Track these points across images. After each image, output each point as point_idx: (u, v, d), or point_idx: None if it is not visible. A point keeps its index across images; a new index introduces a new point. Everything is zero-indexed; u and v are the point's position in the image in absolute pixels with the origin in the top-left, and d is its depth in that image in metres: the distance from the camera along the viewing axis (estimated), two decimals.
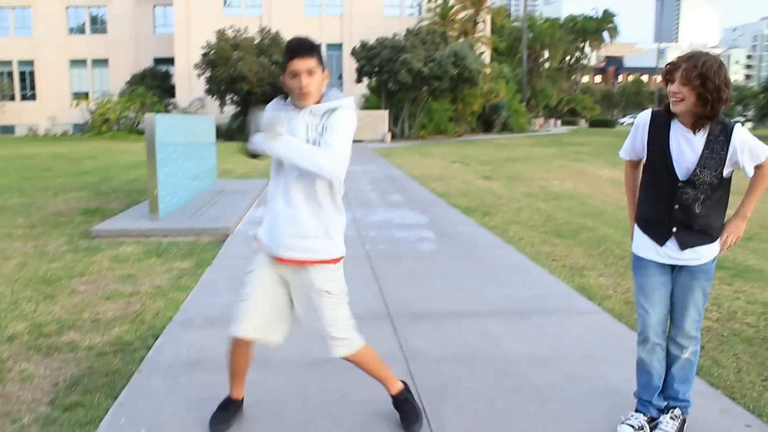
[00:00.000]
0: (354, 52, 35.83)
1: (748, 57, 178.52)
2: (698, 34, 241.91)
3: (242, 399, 3.21)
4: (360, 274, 5.95)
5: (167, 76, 43.15)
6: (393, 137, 35.55)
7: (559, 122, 64.81)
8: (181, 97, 41.48)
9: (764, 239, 7.90)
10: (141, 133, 37.06)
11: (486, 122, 45.52)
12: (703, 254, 2.80)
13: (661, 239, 2.83)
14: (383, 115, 34.97)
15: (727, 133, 2.67)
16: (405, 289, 5.47)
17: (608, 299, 5.22)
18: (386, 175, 16.17)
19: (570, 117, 71.39)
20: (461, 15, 41.82)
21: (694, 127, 2.68)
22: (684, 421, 2.99)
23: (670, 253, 2.82)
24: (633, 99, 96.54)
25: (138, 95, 37.59)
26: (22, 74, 45.16)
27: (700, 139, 2.69)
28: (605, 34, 73.05)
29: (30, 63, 44.90)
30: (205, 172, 11.72)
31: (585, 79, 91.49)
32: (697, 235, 2.78)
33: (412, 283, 5.71)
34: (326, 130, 2.68)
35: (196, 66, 34.37)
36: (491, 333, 4.38)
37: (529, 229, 8.51)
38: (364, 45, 35.20)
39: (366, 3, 43.04)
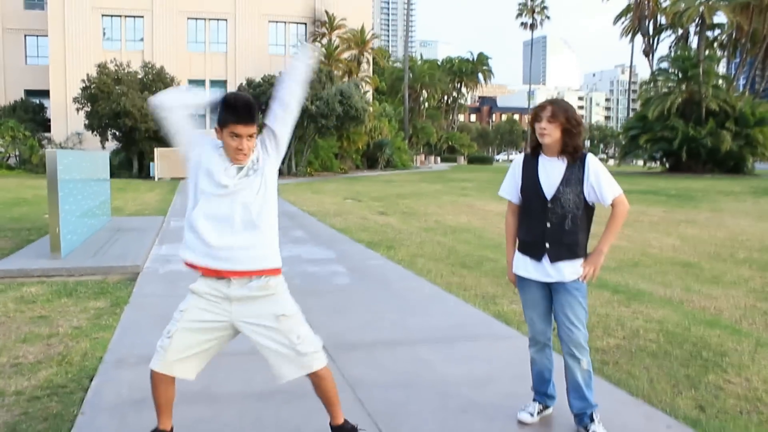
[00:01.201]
0: (240, 90, 35.68)
1: (607, 100, 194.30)
2: (563, 77, 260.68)
3: (171, 429, 3.17)
4: None
5: (41, 108, 40.93)
6: (280, 174, 35.39)
7: (438, 159, 67.24)
8: (58, 131, 39.45)
9: (647, 265, 8.70)
10: (12, 168, 34.77)
11: (370, 159, 46.54)
12: (569, 270, 3.29)
13: (537, 255, 3.34)
14: None
15: (582, 159, 3.29)
16: (331, 322, 5.58)
17: (525, 324, 5.58)
18: (282, 211, 16.03)
19: (449, 154, 74.30)
20: (346, 55, 42.80)
21: (560, 155, 3.28)
22: None
23: (545, 269, 3.31)
24: (507, 137, 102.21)
25: (8, 128, 35.32)
26: None
27: (562, 164, 3.29)
28: (480, 76, 77.13)
29: None
30: (100, 209, 11.28)
31: (461, 117, 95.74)
32: (566, 250, 3.28)
33: (336, 316, 5.84)
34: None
35: (75, 100, 32.94)
36: (425, 359, 4.60)
37: (436, 261, 8.88)
38: (250, 82, 35.26)
39: (250, 41, 43.20)
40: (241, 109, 2.79)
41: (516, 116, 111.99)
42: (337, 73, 39.34)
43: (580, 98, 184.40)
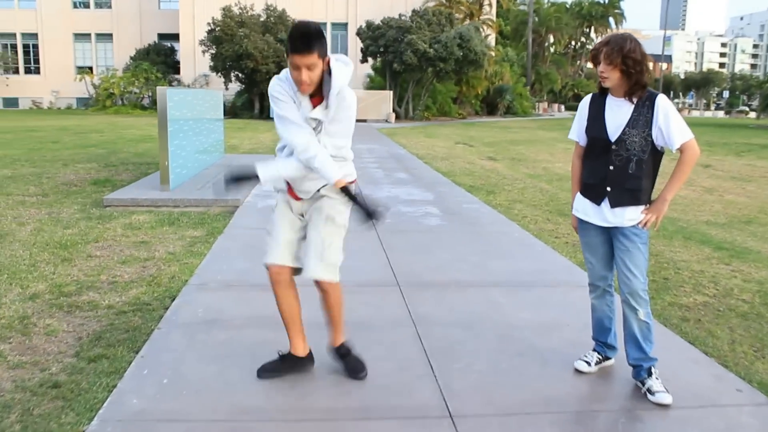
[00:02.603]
0: (359, 32, 35.76)
1: (755, 46, 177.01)
2: (705, 21, 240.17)
3: (308, 356, 3.32)
4: (369, 246, 6.10)
5: (172, 51, 43.11)
6: (397, 117, 35.57)
7: (563, 107, 64.68)
8: (186, 73, 41.46)
9: (763, 223, 8.04)
10: (145, 108, 37.07)
11: (490, 105, 45.49)
12: (630, 216, 3.12)
13: (597, 198, 3.20)
14: (387, 95, 34.99)
15: (652, 99, 3.04)
16: (412, 260, 5.62)
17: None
18: (391, 154, 16.29)
19: (574, 102, 71.15)
20: None
21: (626, 96, 3.07)
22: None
23: (604, 213, 3.17)
24: None
25: (142, 71, 37.58)
26: (26, 47, 45.18)
27: (629, 105, 3.08)
28: (611, 20, 72.65)
29: (34, 36, 44.90)
30: (213, 147, 11.84)
31: (590, 65, 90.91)
32: (628, 195, 3.11)
33: (418, 254, 5.86)
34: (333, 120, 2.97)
35: (201, 42, 34.35)
36: (496, 302, 4.54)
37: (533, 207, 8.65)
38: (369, 25, 35.12)
39: None
40: (296, 39, 2.75)
41: (650, 64, 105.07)
42: (457, 16, 38.41)
43: (723, 45, 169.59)
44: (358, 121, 3.01)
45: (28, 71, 45.52)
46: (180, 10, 41.74)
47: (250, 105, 36.91)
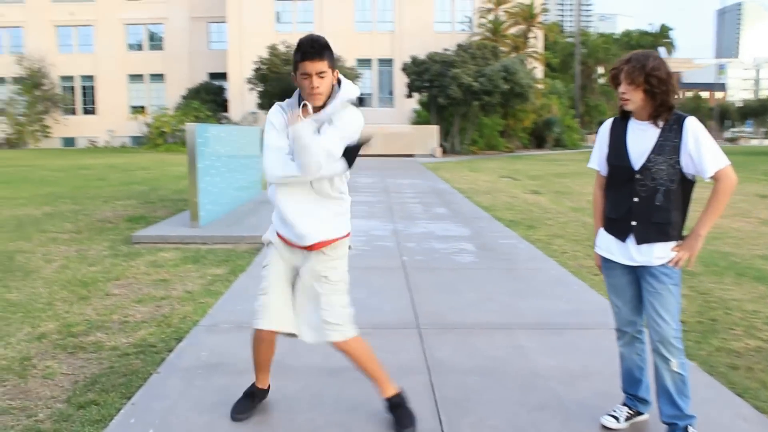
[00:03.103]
0: (405, 68, 35.92)
1: None
2: (761, 48, 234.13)
3: (268, 388, 3.25)
4: (393, 284, 5.84)
5: (221, 90, 44.13)
6: (443, 152, 35.38)
7: None
8: (234, 111, 42.31)
9: None
10: None
11: (538, 138, 44.91)
12: (658, 253, 2.79)
13: (621, 234, 2.88)
14: (433, 129, 34.88)
15: (680, 122, 2.74)
16: (437, 300, 5.33)
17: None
18: (432, 188, 16.06)
19: None
20: (513, 30, 41.50)
21: (651, 119, 2.77)
22: None
23: (630, 251, 2.85)
24: (692, 115, 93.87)
25: (192, 109, 38.50)
26: (83, 89, 47.08)
27: (654, 129, 2.77)
28: (662, 50, 71.42)
29: (90, 78, 46.72)
30: (250, 183, 11.82)
31: None
32: (656, 230, 2.79)
33: (445, 293, 5.56)
34: (330, 128, 2.80)
35: (249, 81, 35.05)
36: (522, 346, 4.20)
37: (574, 243, 8.25)
38: (414, 60, 35.27)
39: (417, 19, 43.18)
40: (305, 46, 2.73)
41: (705, 93, 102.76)
42: (503, 49, 38.28)
43: None
44: (404, 156, 2.83)
45: (85, 111, 47.25)
46: (228, 49, 42.83)
47: None
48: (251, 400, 3.16)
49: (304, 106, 2.78)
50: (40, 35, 46.36)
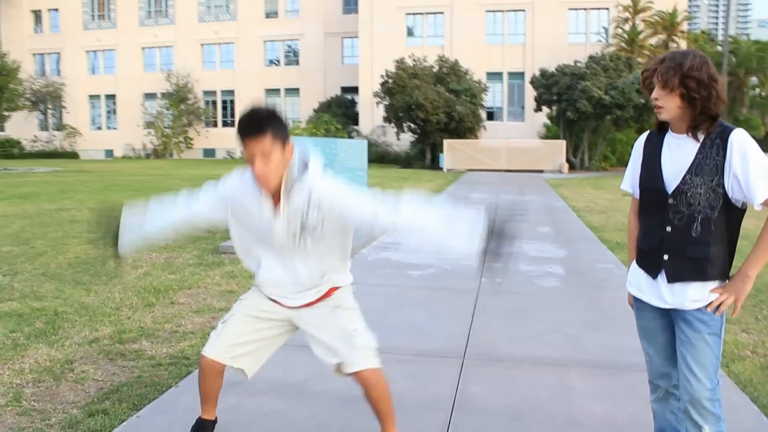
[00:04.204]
0: (533, 81, 35.07)
1: None
2: None
3: (215, 420, 3.00)
4: (457, 309, 5.55)
5: (352, 104, 45.28)
6: (571, 168, 34.10)
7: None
8: (364, 124, 43.21)
9: None
10: None
11: None
12: (693, 295, 2.33)
13: (652, 270, 2.44)
14: (560, 145, 33.72)
15: (724, 136, 2.26)
16: (497, 328, 4.99)
17: (740, 361, 4.34)
18: (546, 206, 15.43)
19: None
20: (652, 40, 39.29)
21: (689, 132, 2.31)
22: None
23: (660, 290, 2.42)
24: None
25: (323, 122, 39.73)
26: (224, 103, 50.27)
27: (693, 144, 2.31)
28: None
29: (231, 92, 49.75)
30: None
31: None
32: (690, 267, 2.33)
33: (509, 321, 5.20)
34: (337, 207, 2.48)
35: (376, 94, 35.63)
36: (569, 387, 3.79)
37: None
38: (543, 72, 34.33)
39: (550, 31, 42.04)
40: (243, 121, 2.35)
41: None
42: (639, 60, 36.31)
43: None
44: (532, 171, 2.52)
45: (224, 124, 50.32)
46: (360, 64, 43.86)
47: (422, 155, 37.46)
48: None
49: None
50: (188, 53, 50.03)
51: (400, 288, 6.42)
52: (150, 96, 50.69)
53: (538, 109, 35.82)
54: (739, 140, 2.23)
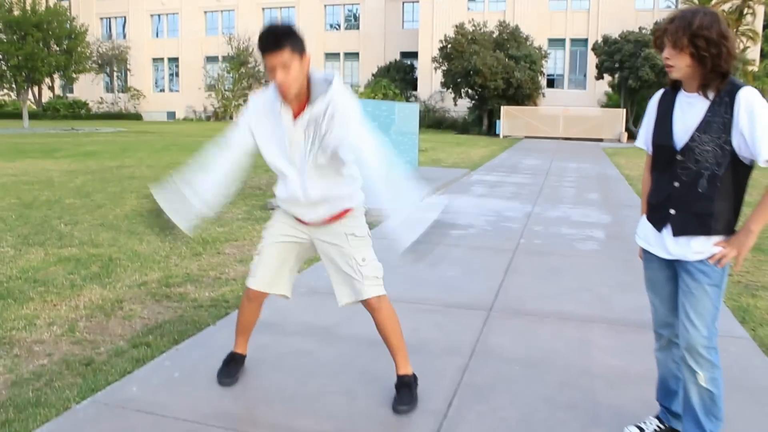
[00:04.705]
0: (595, 48, 34.16)
1: None
2: None
3: (245, 355, 3.25)
4: (493, 266, 5.66)
5: (411, 69, 45.06)
6: (631, 137, 33.22)
7: None
8: (423, 89, 43.01)
9: None
10: None
11: None
12: (697, 247, 2.38)
13: (659, 223, 2.51)
14: (620, 113, 32.87)
15: (732, 94, 2.25)
16: (528, 285, 5.08)
17: (762, 327, 4.33)
18: (599, 173, 15.20)
19: None
20: (725, 6, 37.50)
21: (700, 90, 2.31)
22: None
23: (665, 242, 2.48)
24: None
25: (381, 87, 39.73)
26: None
27: (703, 102, 2.31)
28: None
29: None
30: (403, 161, 11.98)
31: None
32: (695, 221, 2.39)
33: (541, 280, 5.28)
34: (342, 129, 2.63)
35: (434, 59, 35.36)
36: (590, 341, 3.88)
37: None
38: (605, 40, 33.39)
39: None
40: (263, 37, 2.54)
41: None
42: None
43: None
44: (591, 140, 2.65)
45: None
46: (420, 29, 43.49)
47: (480, 121, 37.14)
48: (234, 365, 3.18)
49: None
50: (249, 17, 50.57)
51: (438, 245, 6.54)
52: (212, 59, 51.64)
53: (600, 76, 34.95)
54: (747, 98, 2.25)
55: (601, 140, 31.67)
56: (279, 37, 2.52)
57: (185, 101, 53.12)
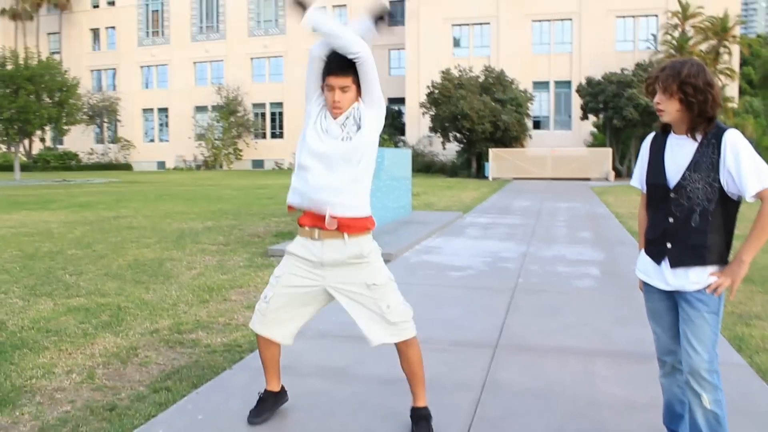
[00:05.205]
0: (579, 89, 34.98)
1: None
2: None
3: (281, 391, 3.38)
4: (493, 305, 5.81)
5: (399, 114, 45.77)
6: (618, 175, 33.81)
7: None
8: (411, 134, 43.61)
9: None
10: None
11: None
12: (694, 278, 2.58)
13: (657, 256, 2.72)
14: (606, 152, 33.49)
15: (718, 136, 2.52)
16: (530, 322, 5.23)
17: (764, 353, 4.48)
18: (589, 212, 15.47)
19: None
20: (703, 47, 38.63)
21: (689, 133, 2.59)
22: None
23: (664, 275, 2.70)
24: None
25: None
26: (272, 115, 51.51)
27: (692, 144, 2.59)
28: None
29: (280, 104, 50.92)
30: (397, 204, 12.19)
31: None
32: (691, 253, 2.60)
33: (542, 317, 5.43)
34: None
35: (422, 105, 36.01)
36: (593, 373, 4.02)
37: None
38: (589, 81, 34.22)
39: (597, 39, 41.81)
40: (332, 61, 2.88)
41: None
42: None
43: None
44: (579, 179, 2.89)
45: (273, 136, 51.62)
46: (406, 75, 44.36)
47: (468, 164, 37.63)
48: (264, 404, 3.28)
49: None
50: (238, 67, 51.47)
51: (438, 287, 6.71)
52: (201, 109, 52.26)
53: (585, 117, 35.68)
54: (732, 140, 2.49)
55: (588, 179, 32.17)
56: (347, 64, 2.87)
57: (175, 151, 53.51)
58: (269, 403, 3.31)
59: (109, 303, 5.83)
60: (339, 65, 2.87)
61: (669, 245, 2.65)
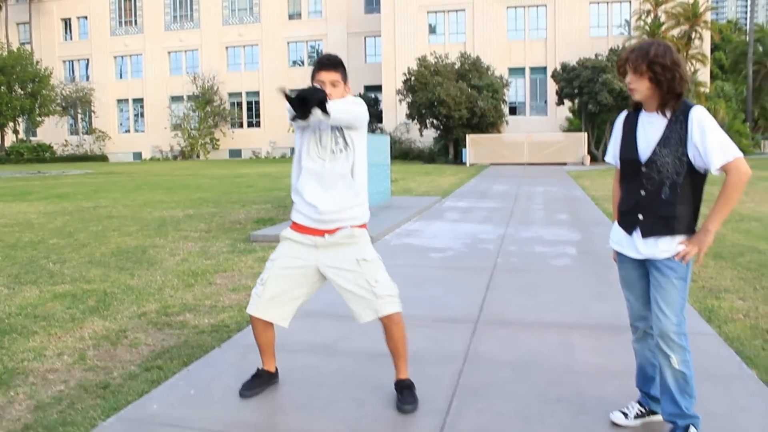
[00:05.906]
0: (554, 75, 35.23)
1: None
2: None
3: (275, 372, 3.50)
4: (474, 284, 5.96)
5: (376, 102, 45.72)
6: (593, 160, 34.20)
7: None
8: (388, 121, 43.66)
9: None
10: None
11: None
12: (663, 247, 2.74)
13: (629, 227, 2.87)
14: (581, 137, 33.85)
15: (686, 113, 2.67)
16: (509, 299, 5.39)
17: (731, 323, 4.69)
18: (566, 195, 15.73)
19: None
20: (674, 32, 39.12)
21: (659, 110, 2.72)
22: None
23: (635, 244, 2.83)
24: None
25: None
26: (249, 104, 51.18)
27: (662, 120, 2.72)
28: None
29: (256, 93, 50.62)
30: (377, 191, 12.27)
31: None
32: (662, 223, 2.75)
33: (520, 294, 5.60)
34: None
35: (398, 92, 36.05)
36: (571, 344, 4.19)
37: None
38: (564, 67, 34.47)
39: (570, 25, 42.13)
40: (322, 58, 3.15)
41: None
42: None
43: None
44: (555, 164, 3.03)
45: (250, 125, 51.38)
46: (383, 62, 44.34)
47: (446, 150, 37.80)
48: (258, 380, 3.41)
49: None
50: (213, 56, 51.06)
51: (420, 267, 6.85)
52: (176, 99, 51.79)
53: (560, 102, 35.97)
54: (698, 116, 2.65)
55: (565, 164, 32.52)
56: (335, 62, 3.14)
57: (151, 141, 53.01)
58: (263, 379, 3.44)
59: (94, 289, 5.88)
60: (329, 62, 3.11)
61: (641, 216, 2.80)
